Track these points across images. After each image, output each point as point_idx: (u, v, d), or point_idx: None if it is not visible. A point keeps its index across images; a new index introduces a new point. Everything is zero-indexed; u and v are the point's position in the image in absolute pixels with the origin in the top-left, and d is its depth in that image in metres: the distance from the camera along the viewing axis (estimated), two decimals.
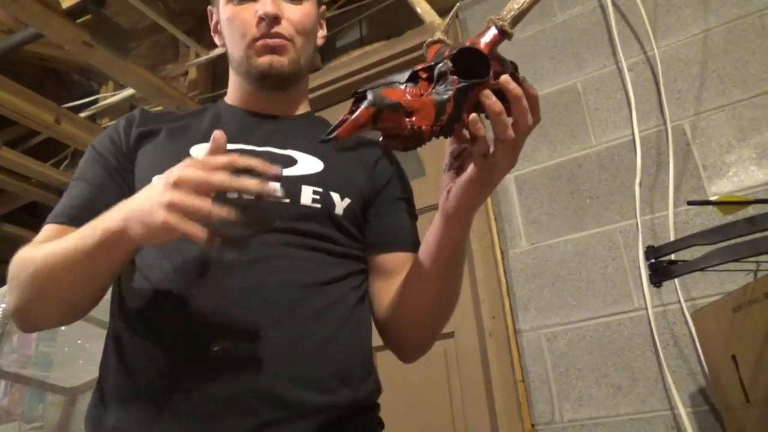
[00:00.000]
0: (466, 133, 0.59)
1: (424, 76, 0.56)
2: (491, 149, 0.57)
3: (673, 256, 1.12)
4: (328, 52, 2.31)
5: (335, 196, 0.77)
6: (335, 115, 2.14)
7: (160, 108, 2.40)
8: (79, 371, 2.16)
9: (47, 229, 0.75)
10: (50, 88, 2.58)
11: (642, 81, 1.63)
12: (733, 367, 1.03)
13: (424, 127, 0.55)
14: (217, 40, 0.91)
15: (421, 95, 0.55)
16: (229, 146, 0.76)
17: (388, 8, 2.17)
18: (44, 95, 2.34)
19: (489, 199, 1.73)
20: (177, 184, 0.56)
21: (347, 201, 0.78)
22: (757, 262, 1.04)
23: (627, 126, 1.60)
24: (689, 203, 1.18)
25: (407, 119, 0.55)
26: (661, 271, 1.12)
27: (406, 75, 0.56)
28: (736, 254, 1.00)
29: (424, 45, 0.63)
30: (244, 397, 0.63)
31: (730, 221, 1.06)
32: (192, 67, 2.41)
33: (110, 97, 2.55)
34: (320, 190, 0.76)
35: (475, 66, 0.55)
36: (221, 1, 0.85)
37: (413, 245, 0.82)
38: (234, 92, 0.89)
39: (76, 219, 0.72)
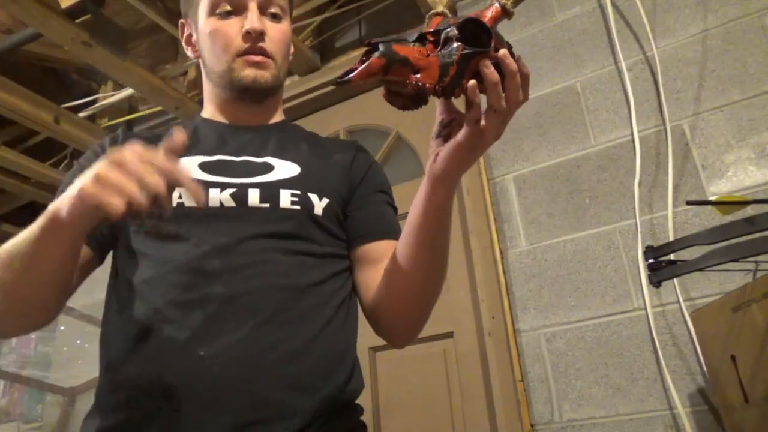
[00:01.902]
0: (454, 104, 0.63)
1: (431, 39, 0.59)
2: (483, 118, 0.60)
3: (672, 256, 1.12)
4: (327, 52, 2.31)
5: (313, 197, 0.80)
6: (335, 114, 2.13)
7: (151, 110, 2.40)
8: (78, 371, 2.16)
9: None
10: (49, 88, 2.57)
11: (641, 81, 1.63)
12: (732, 366, 1.03)
13: (427, 85, 0.58)
14: (190, 52, 0.93)
15: (428, 56, 0.58)
16: (208, 158, 0.81)
17: (387, 8, 2.18)
18: (43, 95, 2.34)
19: (488, 199, 1.73)
20: (114, 163, 0.56)
21: (326, 201, 0.81)
22: (756, 261, 1.04)
23: (626, 126, 1.61)
24: (688, 203, 1.18)
25: (413, 75, 0.58)
26: (660, 271, 1.12)
27: (414, 35, 0.59)
28: (735, 254, 1.00)
29: (427, 16, 0.65)
30: (227, 398, 0.65)
31: (729, 221, 1.06)
32: (191, 66, 2.41)
33: (109, 97, 2.55)
34: (298, 192, 0.79)
35: (477, 38, 0.58)
36: (201, 14, 0.87)
37: (396, 233, 0.84)
38: (211, 104, 0.92)
39: None
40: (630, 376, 1.41)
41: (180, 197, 0.76)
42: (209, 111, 0.92)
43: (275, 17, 0.87)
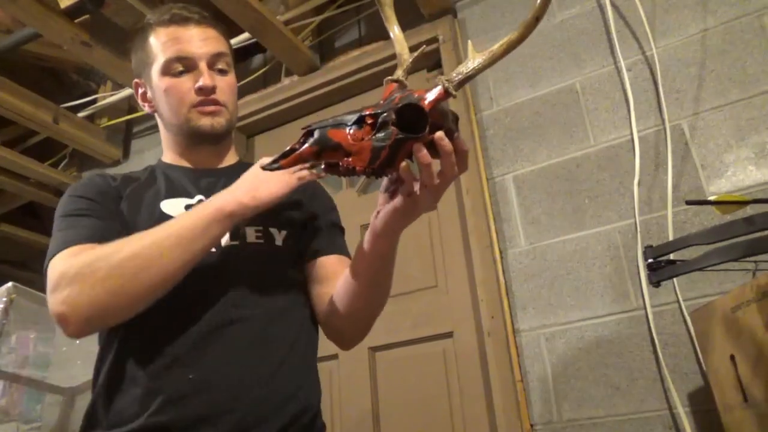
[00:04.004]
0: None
1: (370, 121, 0.63)
2: (417, 189, 0.66)
3: (671, 256, 1.12)
4: (326, 52, 2.31)
5: (273, 230, 0.91)
6: (334, 114, 2.09)
7: None
8: (78, 371, 2.16)
9: (66, 253, 0.79)
10: (48, 88, 2.57)
11: (640, 81, 1.63)
12: (732, 366, 1.03)
13: (357, 168, 0.63)
14: (147, 108, 1.02)
15: (362, 139, 0.62)
16: (191, 200, 0.91)
17: None
18: (42, 95, 2.34)
19: (487, 199, 1.73)
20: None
21: (284, 232, 0.92)
22: (755, 261, 1.04)
23: (625, 126, 1.61)
24: (688, 203, 1.18)
25: (345, 158, 0.63)
26: (659, 270, 1.12)
27: (354, 117, 0.64)
28: (735, 254, 1.00)
29: (384, 81, 0.71)
30: (213, 415, 0.76)
31: (729, 221, 1.06)
32: None
33: (108, 97, 2.55)
34: (261, 227, 0.90)
35: (416, 119, 0.62)
36: (155, 74, 0.95)
37: (342, 250, 0.98)
38: (171, 151, 1.02)
39: (96, 239, 0.81)
40: (629, 376, 1.41)
41: None
42: (170, 157, 1.01)
43: (222, 72, 0.97)
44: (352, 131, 0.63)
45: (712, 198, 1.31)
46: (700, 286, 1.38)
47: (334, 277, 0.91)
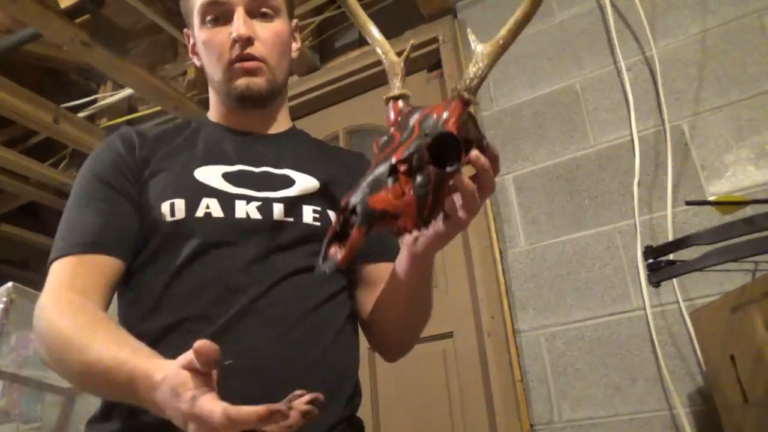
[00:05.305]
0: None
1: (403, 168, 0.56)
2: (460, 215, 0.64)
3: (671, 256, 1.12)
4: (326, 52, 2.31)
5: (332, 214, 0.83)
6: (334, 114, 2.11)
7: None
8: None
9: (64, 265, 0.73)
10: (48, 88, 2.57)
11: (640, 81, 1.63)
12: (732, 367, 1.03)
13: (409, 227, 0.57)
14: (195, 60, 0.93)
15: (404, 194, 0.55)
16: (230, 168, 0.82)
17: (386, 8, 2.17)
18: (42, 95, 2.33)
19: (488, 200, 1.73)
20: None
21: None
22: (755, 262, 1.05)
23: (625, 126, 1.61)
24: (687, 203, 1.18)
25: (394, 222, 0.56)
26: (659, 271, 1.12)
27: (386, 170, 0.56)
28: (735, 254, 1.01)
29: (385, 99, 0.66)
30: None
31: (729, 221, 1.06)
32: (190, 66, 2.40)
33: (109, 97, 2.55)
34: (319, 208, 0.82)
35: (447, 147, 0.57)
36: (196, 24, 0.87)
37: (394, 255, 0.88)
38: (217, 110, 0.92)
39: (97, 245, 0.74)
40: (629, 376, 1.41)
41: (207, 207, 0.77)
42: (216, 116, 0.92)
43: (266, 17, 0.85)
44: (391, 187, 0.55)
45: (712, 198, 1.31)
46: (700, 286, 1.38)
47: (383, 284, 0.85)
